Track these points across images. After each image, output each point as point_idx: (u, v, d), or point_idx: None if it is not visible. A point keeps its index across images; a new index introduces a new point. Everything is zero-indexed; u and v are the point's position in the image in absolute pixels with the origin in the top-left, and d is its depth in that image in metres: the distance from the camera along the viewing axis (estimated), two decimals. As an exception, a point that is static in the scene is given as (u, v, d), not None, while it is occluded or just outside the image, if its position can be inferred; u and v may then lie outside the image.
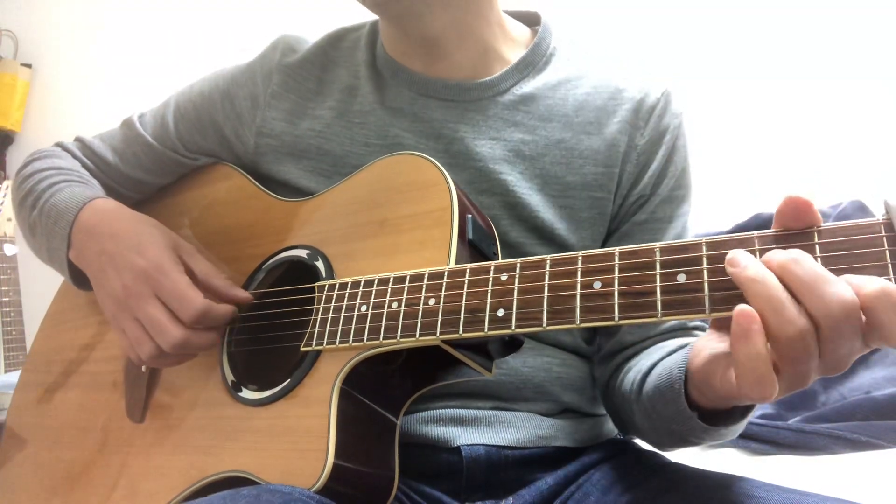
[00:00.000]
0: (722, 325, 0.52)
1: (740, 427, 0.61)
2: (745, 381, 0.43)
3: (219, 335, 0.68)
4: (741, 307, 0.42)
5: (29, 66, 2.55)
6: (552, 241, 0.74)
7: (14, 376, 1.01)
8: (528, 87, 0.77)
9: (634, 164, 0.76)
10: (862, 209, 1.46)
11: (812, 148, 1.69)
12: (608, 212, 0.76)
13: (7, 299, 1.94)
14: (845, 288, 0.40)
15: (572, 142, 0.75)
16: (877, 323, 0.40)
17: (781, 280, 0.42)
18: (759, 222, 1.51)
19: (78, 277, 0.77)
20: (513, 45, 0.80)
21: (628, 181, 0.76)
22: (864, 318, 0.40)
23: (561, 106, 0.76)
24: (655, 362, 0.66)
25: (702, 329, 0.76)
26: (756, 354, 0.41)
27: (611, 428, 0.81)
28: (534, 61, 0.79)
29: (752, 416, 1.25)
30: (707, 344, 0.53)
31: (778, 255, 0.42)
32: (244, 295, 0.70)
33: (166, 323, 0.64)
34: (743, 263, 0.43)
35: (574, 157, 0.75)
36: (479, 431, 0.69)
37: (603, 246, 0.77)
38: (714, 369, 0.50)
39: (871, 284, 0.40)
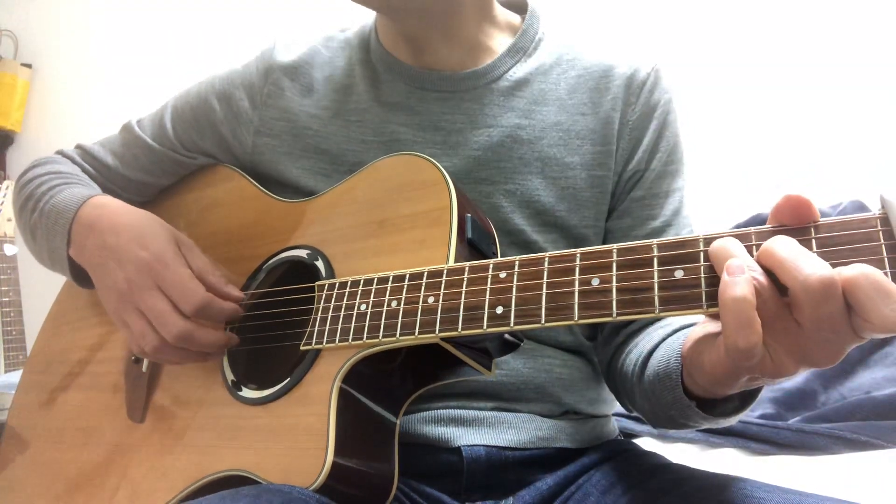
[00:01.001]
0: (717, 316, 0.52)
1: (738, 416, 0.60)
2: (729, 327, 0.43)
3: (228, 336, 0.68)
4: (731, 260, 0.43)
5: (29, 66, 2.55)
6: (553, 224, 0.74)
7: (14, 376, 1.01)
8: (521, 71, 0.78)
9: (627, 139, 0.77)
10: (862, 209, 1.46)
11: (811, 147, 1.69)
12: (609, 190, 0.76)
13: (7, 299, 1.94)
14: (823, 264, 0.41)
15: (568, 123, 0.76)
16: (859, 305, 0.39)
17: (764, 263, 0.43)
18: (759, 222, 1.50)
19: (80, 275, 0.77)
20: (501, 33, 0.81)
21: (623, 157, 0.77)
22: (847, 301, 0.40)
23: (554, 90, 0.78)
24: (656, 344, 0.66)
25: None
26: (742, 297, 0.42)
27: (611, 429, 0.82)
28: (524, 46, 0.80)
29: (751, 412, 1.25)
30: (700, 328, 0.53)
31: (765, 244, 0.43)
32: (236, 293, 0.70)
33: (169, 313, 0.64)
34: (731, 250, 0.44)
35: (572, 138, 0.76)
36: (479, 432, 0.69)
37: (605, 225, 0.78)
38: (704, 348, 0.50)
39: (852, 267, 0.40)
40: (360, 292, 0.61)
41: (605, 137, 0.76)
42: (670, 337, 0.65)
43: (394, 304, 0.58)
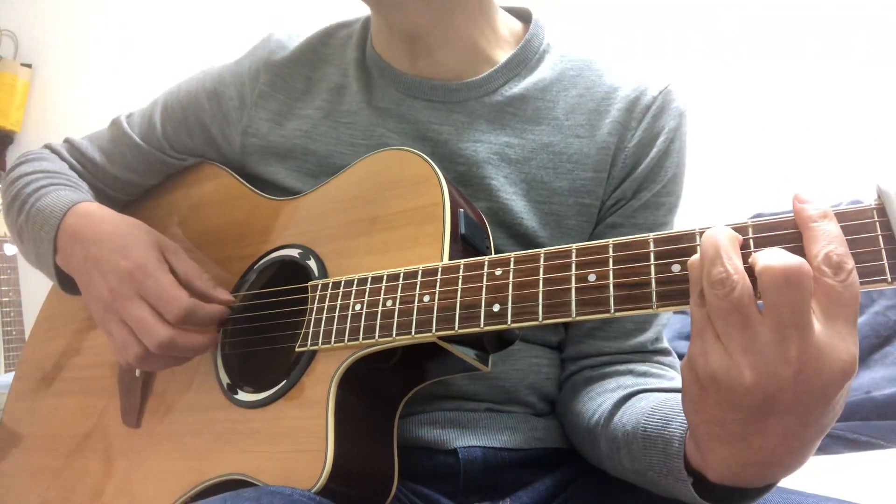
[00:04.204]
0: None
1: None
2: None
3: (210, 337, 0.67)
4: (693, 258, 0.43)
5: (29, 66, 2.55)
6: (535, 248, 0.72)
7: (13, 377, 1.00)
8: (517, 87, 0.74)
9: (621, 167, 0.72)
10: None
11: (811, 147, 1.68)
12: (594, 220, 0.74)
13: (7, 299, 1.93)
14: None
15: (560, 146, 0.72)
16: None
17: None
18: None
19: (66, 282, 0.76)
20: (503, 43, 0.77)
21: (612, 185, 0.73)
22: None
23: (550, 109, 0.74)
24: (624, 396, 0.63)
25: (664, 353, 0.73)
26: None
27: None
28: (525, 58, 0.76)
29: None
30: None
31: (775, 273, 0.39)
32: (226, 297, 0.69)
33: (152, 323, 0.63)
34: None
35: (562, 162, 0.72)
36: (475, 433, 0.69)
37: None
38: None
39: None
40: (353, 292, 0.61)
41: (599, 164, 0.72)
42: (655, 393, 0.61)
43: (389, 303, 0.58)
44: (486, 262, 0.55)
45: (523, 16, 0.81)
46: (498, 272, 0.54)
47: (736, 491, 0.48)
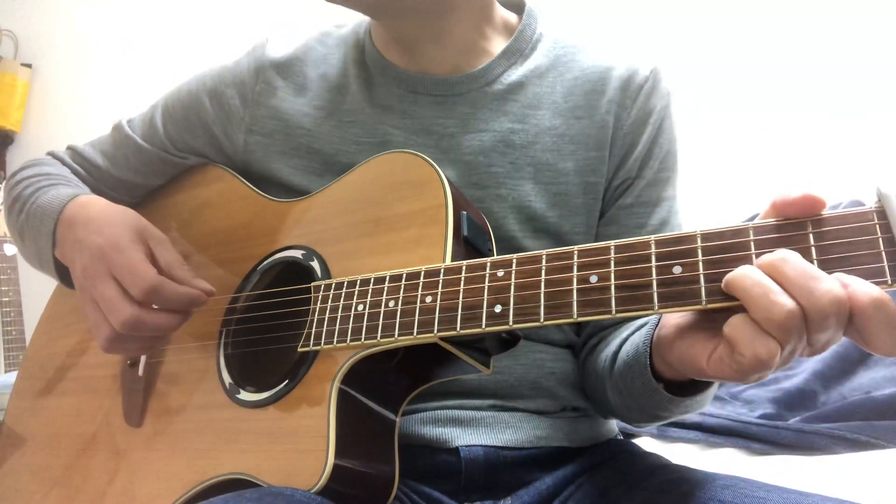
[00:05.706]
0: (715, 312, 0.51)
1: (708, 396, 0.61)
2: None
3: (179, 317, 0.66)
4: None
5: (29, 66, 2.55)
6: (545, 231, 0.74)
7: (13, 376, 1.01)
8: (515, 74, 0.77)
9: (620, 145, 0.75)
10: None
11: (811, 147, 1.69)
12: (600, 197, 0.76)
13: (7, 299, 1.94)
14: (835, 284, 0.41)
15: (563, 128, 0.75)
16: (866, 331, 0.40)
17: (771, 277, 0.43)
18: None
19: (65, 275, 0.76)
20: (497, 34, 0.80)
21: (614, 163, 0.76)
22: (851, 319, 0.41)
23: (549, 93, 0.76)
24: (625, 338, 0.67)
25: None
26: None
27: (610, 428, 0.81)
28: (520, 48, 0.78)
29: (751, 413, 1.24)
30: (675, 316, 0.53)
31: (766, 257, 0.43)
32: (205, 286, 0.68)
33: (117, 300, 0.62)
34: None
35: (565, 143, 0.74)
36: (477, 432, 0.69)
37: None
38: (694, 342, 0.50)
39: (864, 291, 0.40)
40: (356, 292, 0.61)
41: (600, 142, 0.75)
42: (640, 329, 0.65)
43: (391, 304, 0.58)
44: (489, 264, 0.55)
45: (517, 5, 0.83)
46: (500, 273, 0.54)
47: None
